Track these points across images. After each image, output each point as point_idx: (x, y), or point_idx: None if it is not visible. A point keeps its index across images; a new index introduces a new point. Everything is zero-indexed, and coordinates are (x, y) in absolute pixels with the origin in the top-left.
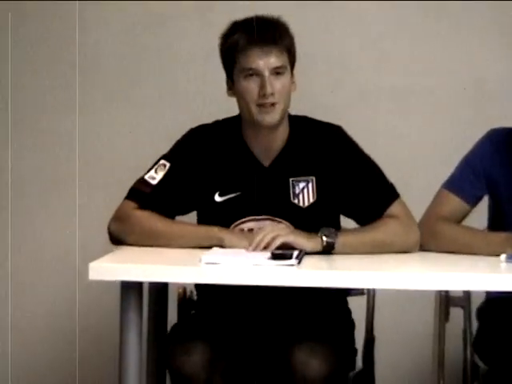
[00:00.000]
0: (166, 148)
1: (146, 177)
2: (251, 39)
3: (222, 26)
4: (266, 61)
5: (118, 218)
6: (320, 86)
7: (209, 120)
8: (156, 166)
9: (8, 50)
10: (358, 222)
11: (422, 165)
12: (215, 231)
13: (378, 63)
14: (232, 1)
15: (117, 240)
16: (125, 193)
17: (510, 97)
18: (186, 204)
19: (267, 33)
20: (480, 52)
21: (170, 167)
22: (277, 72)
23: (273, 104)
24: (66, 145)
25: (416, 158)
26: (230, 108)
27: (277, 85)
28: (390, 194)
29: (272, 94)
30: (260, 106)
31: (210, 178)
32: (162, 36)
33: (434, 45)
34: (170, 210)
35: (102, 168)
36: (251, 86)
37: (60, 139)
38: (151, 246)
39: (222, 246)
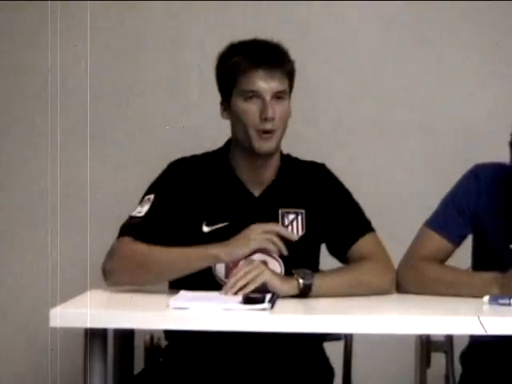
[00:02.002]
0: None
1: (133, 213)
2: (255, 61)
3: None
4: (268, 84)
5: (109, 255)
6: (302, 120)
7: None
8: (141, 202)
9: None
10: (328, 249)
11: (407, 201)
12: (208, 249)
13: (362, 97)
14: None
15: (112, 278)
16: (105, 232)
17: (496, 133)
18: (175, 235)
19: (271, 55)
20: (468, 88)
21: (155, 197)
22: (278, 96)
23: (271, 131)
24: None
25: (400, 193)
26: (212, 143)
27: (278, 109)
28: (363, 226)
29: (272, 119)
30: (259, 131)
31: (197, 207)
32: (141, 65)
33: (422, 80)
34: (162, 242)
35: (80, 205)
36: (251, 109)
37: (37, 175)
38: (145, 280)
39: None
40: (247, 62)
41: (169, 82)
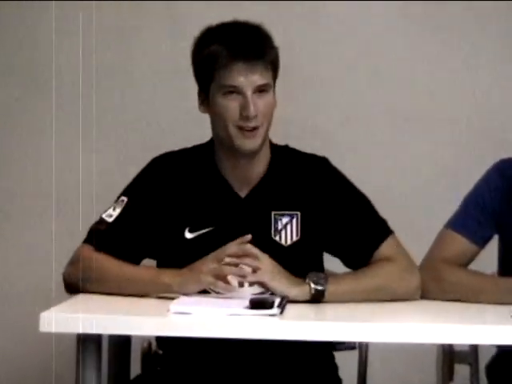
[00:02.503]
0: None
1: (104, 215)
2: (233, 52)
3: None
4: (249, 78)
5: (71, 262)
6: (308, 109)
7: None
8: (115, 203)
9: None
10: (344, 263)
11: (422, 198)
12: (161, 275)
13: (372, 84)
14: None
15: (70, 286)
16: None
17: None
18: (152, 243)
19: (252, 45)
20: (484, 76)
21: (128, 202)
22: (260, 90)
23: (254, 128)
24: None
25: (414, 189)
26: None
27: (260, 105)
28: (381, 230)
29: (255, 117)
30: (240, 128)
31: (178, 212)
32: (128, 52)
33: (434, 67)
34: (132, 251)
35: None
36: (231, 105)
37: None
38: (103, 292)
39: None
40: (226, 54)
41: (168, 69)
